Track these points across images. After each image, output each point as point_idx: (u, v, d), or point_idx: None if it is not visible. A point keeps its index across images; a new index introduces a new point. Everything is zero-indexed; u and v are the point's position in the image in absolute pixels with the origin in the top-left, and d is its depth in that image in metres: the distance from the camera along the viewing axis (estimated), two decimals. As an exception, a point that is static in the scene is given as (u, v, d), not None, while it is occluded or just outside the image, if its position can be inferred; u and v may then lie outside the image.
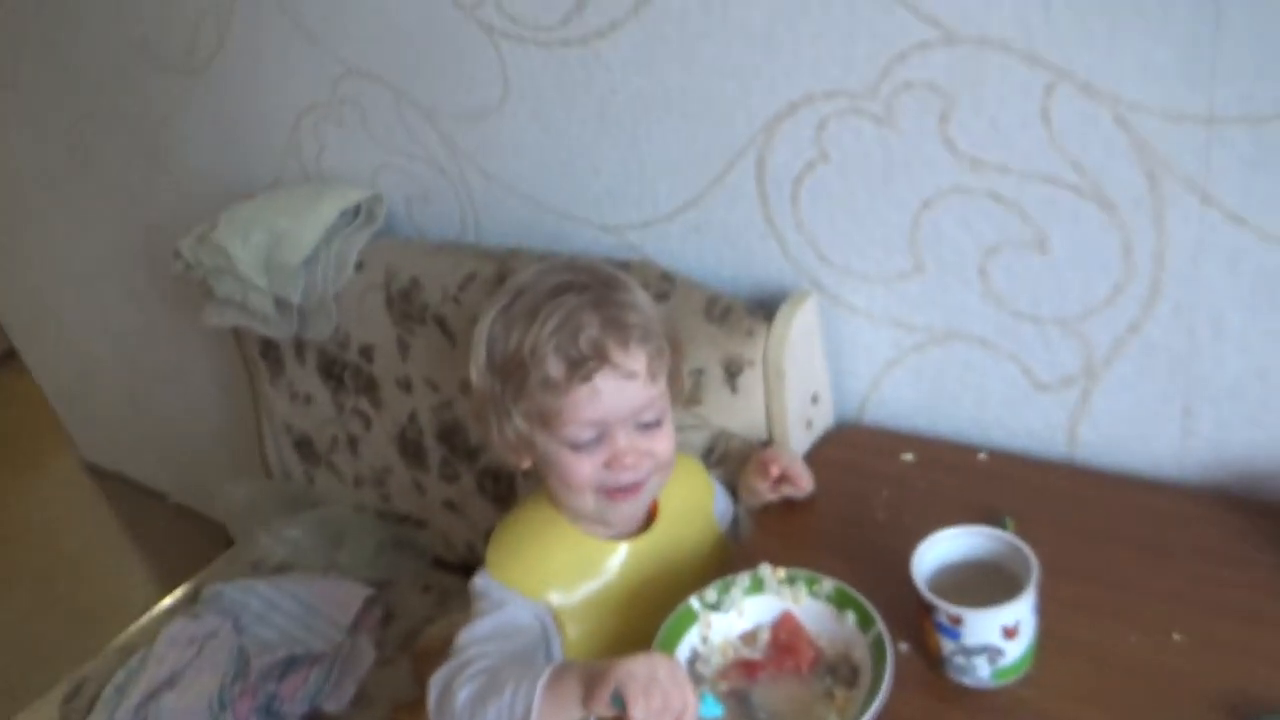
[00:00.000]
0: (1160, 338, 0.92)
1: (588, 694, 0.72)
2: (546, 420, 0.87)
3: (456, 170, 1.38)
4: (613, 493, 0.89)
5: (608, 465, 0.87)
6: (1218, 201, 0.83)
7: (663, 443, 0.90)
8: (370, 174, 1.49)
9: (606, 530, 0.95)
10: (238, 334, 1.67)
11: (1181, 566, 0.84)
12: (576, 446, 0.87)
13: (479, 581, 0.93)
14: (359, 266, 1.42)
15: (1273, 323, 0.85)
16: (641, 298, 0.92)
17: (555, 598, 0.91)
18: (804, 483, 0.99)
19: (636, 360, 0.86)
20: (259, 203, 1.49)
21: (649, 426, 0.89)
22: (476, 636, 0.87)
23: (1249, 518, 0.88)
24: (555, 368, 0.85)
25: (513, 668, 0.80)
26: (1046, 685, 0.76)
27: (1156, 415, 0.95)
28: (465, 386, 1.31)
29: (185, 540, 2.41)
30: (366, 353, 1.44)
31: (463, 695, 0.78)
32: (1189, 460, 0.95)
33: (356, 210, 1.45)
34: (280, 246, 1.42)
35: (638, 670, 0.70)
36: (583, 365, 0.84)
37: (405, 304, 1.35)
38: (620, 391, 0.86)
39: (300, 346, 1.56)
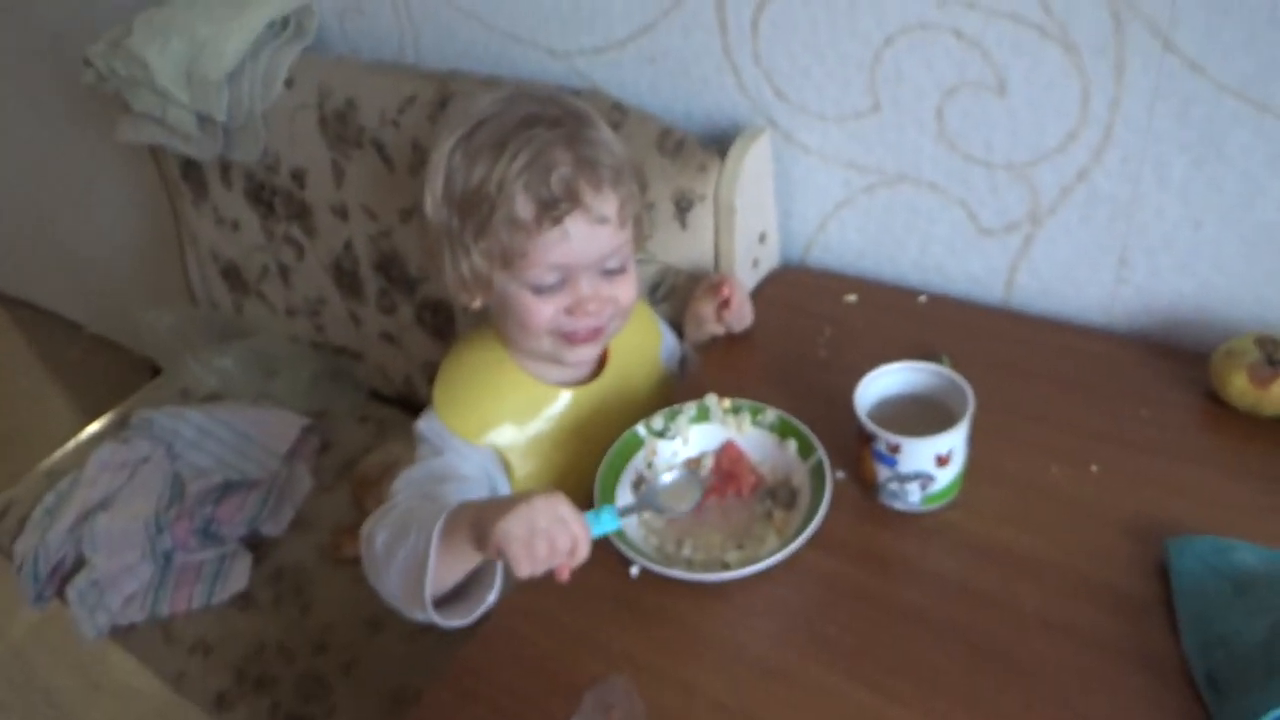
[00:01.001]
0: (1106, 186, 0.93)
1: (477, 546, 0.70)
2: (509, 260, 0.84)
3: (394, -19, 1.29)
4: (570, 336, 0.88)
5: (569, 311, 0.85)
6: (1179, 48, 0.82)
7: (625, 289, 0.88)
8: (299, -18, 1.38)
9: (557, 374, 0.94)
10: (156, 153, 1.58)
11: (1103, 405, 0.88)
12: (539, 289, 0.85)
13: (423, 425, 0.92)
14: (288, 84, 1.34)
15: (1214, 172, 0.87)
16: (610, 135, 0.88)
17: (501, 439, 0.91)
18: (746, 310, 1.00)
19: (609, 204, 0.84)
20: (179, 6, 1.38)
21: (613, 273, 0.87)
22: (408, 481, 0.86)
23: (1168, 362, 0.92)
24: (524, 207, 0.81)
25: (422, 510, 0.78)
26: (971, 509, 0.80)
27: (1093, 263, 0.98)
28: (406, 215, 1.28)
29: (106, 372, 2.34)
30: (298, 177, 1.38)
31: (379, 540, 0.78)
32: (1118, 308, 0.99)
33: (285, 22, 1.36)
34: (201, 57, 1.32)
35: (515, 529, 0.67)
36: (554, 207, 0.80)
37: (340, 126, 1.28)
38: (590, 237, 0.83)
39: (226, 168, 1.48)
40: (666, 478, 0.82)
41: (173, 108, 1.38)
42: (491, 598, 0.76)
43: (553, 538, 0.68)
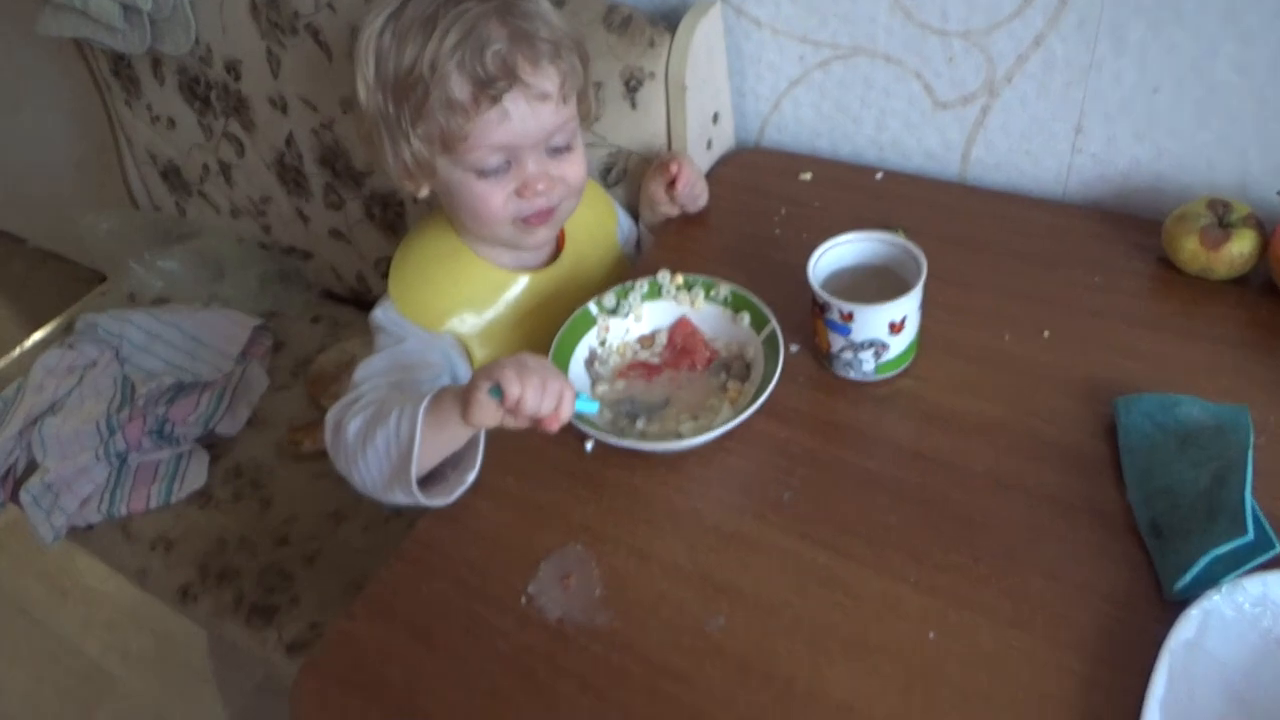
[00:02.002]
0: (1062, 52, 0.91)
1: (465, 406, 0.70)
2: (449, 144, 0.80)
3: None
4: (528, 219, 0.85)
5: (518, 193, 0.83)
6: (1138, -101, 0.80)
7: (574, 167, 0.86)
8: None
9: (512, 259, 0.92)
10: (83, 48, 1.50)
11: (1056, 274, 0.88)
12: (483, 173, 0.82)
13: (379, 314, 0.90)
14: (217, -35, 1.27)
15: (1172, 35, 0.85)
16: (547, 6, 0.84)
17: (459, 325, 0.89)
18: (699, 189, 0.98)
19: (549, 79, 0.80)
20: (90, -118, 1.29)
21: (560, 151, 0.84)
22: (372, 371, 0.85)
23: (1122, 231, 0.92)
24: (459, 88, 0.77)
25: (399, 396, 0.78)
26: (924, 377, 0.81)
27: (1049, 133, 0.97)
28: (348, 105, 1.23)
29: (50, 286, 2.28)
30: (232, 69, 1.32)
31: (352, 428, 0.76)
32: (1073, 179, 0.98)
33: (209, -102, 1.27)
34: (122, -62, 1.24)
35: (505, 361, 0.68)
36: (491, 85, 0.77)
37: (273, 12, 1.22)
38: (532, 115, 0.80)
39: (157, 63, 1.41)
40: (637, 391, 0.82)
41: (94, -5, 1.30)
42: (472, 476, 0.75)
43: (543, 377, 0.68)
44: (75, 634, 1.62)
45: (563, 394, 0.69)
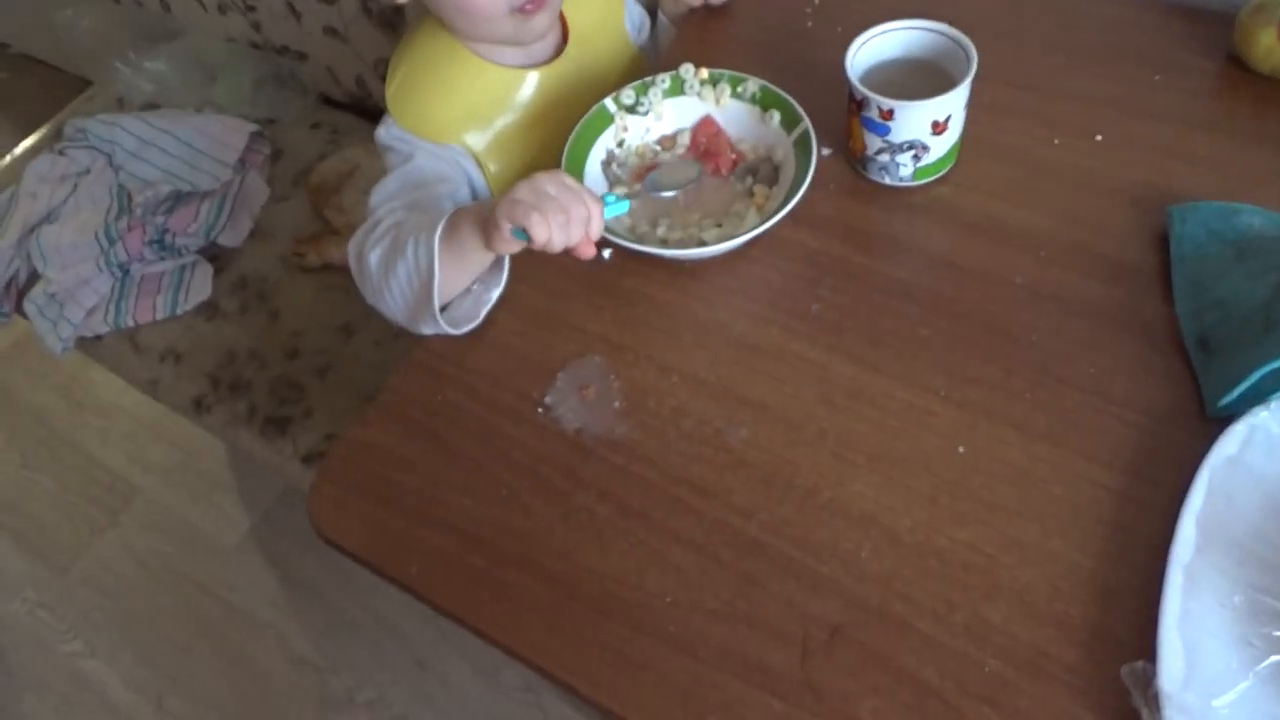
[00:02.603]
0: None
1: (486, 238, 0.67)
2: None
3: None
4: (524, 8, 0.77)
5: None
6: None
7: None
8: None
9: (516, 56, 0.85)
10: None
11: (1118, 71, 0.81)
12: None
13: (383, 133, 0.84)
14: None
15: None
16: None
17: (469, 138, 0.83)
18: None
19: None
20: None
21: None
22: (386, 194, 0.80)
23: (1190, 25, 0.84)
24: None
25: (415, 221, 0.73)
26: (963, 183, 0.75)
27: (1118, -90, 0.86)
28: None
29: (36, 92, 2.18)
30: None
31: (373, 259, 0.73)
32: (1140, -34, 0.89)
33: None
34: None
35: (522, 195, 0.64)
36: None
37: None
38: None
39: None
40: (665, 159, 0.76)
41: None
42: (497, 293, 0.72)
43: (565, 204, 0.63)
44: (95, 446, 1.65)
45: (590, 214, 0.65)
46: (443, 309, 0.71)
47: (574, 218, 0.64)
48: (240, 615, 1.42)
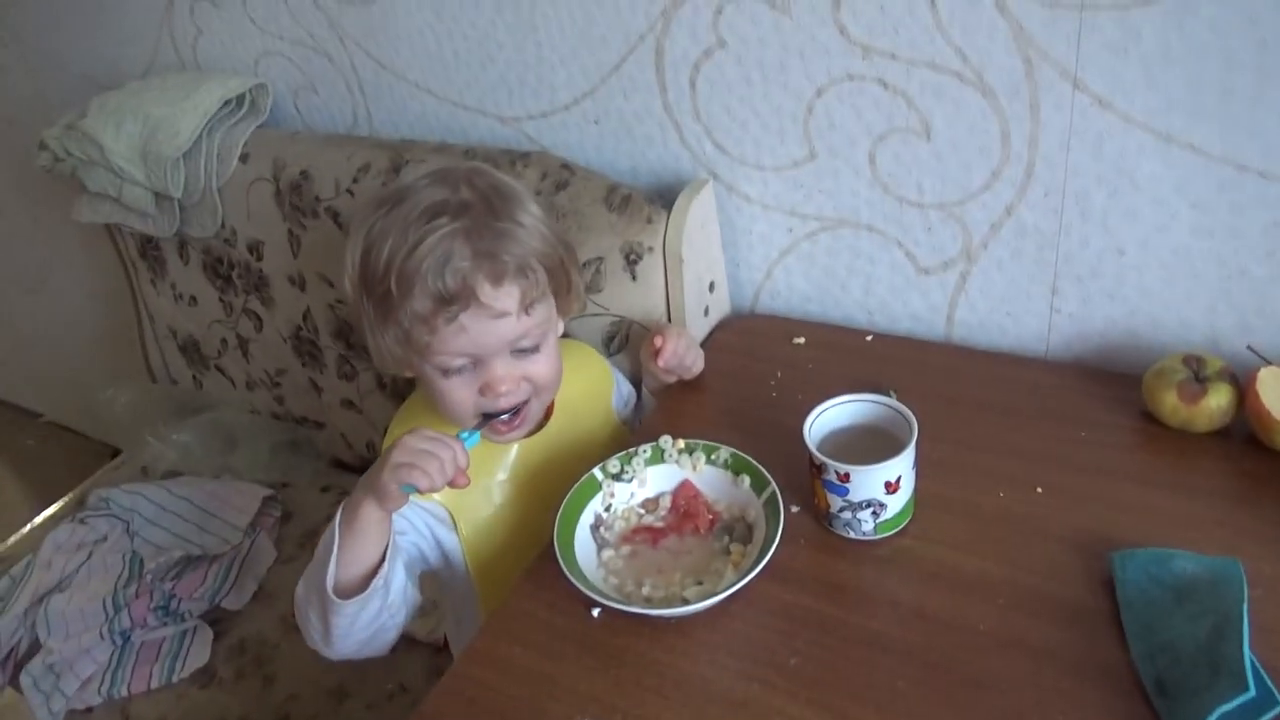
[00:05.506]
0: (1032, 220, 0.97)
1: (380, 502, 0.79)
2: (416, 348, 0.85)
3: (345, 58, 1.33)
4: (496, 425, 0.89)
5: (482, 392, 0.86)
6: (1087, 86, 0.88)
7: (541, 366, 0.88)
8: (252, 62, 1.43)
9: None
10: (113, 232, 1.59)
11: (1044, 429, 0.91)
12: (448, 372, 0.86)
13: None
14: (244, 159, 1.36)
15: (1130, 201, 0.91)
16: (528, 217, 0.87)
17: (446, 497, 0.91)
18: (691, 357, 1.01)
19: (508, 297, 0.83)
20: (132, 90, 1.41)
21: (526, 352, 0.87)
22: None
23: (1104, 386, 0.95)
24: (421, 302, 0.81)
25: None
26: (923, 535, 0.82)
27: (1027, 294, 1.02)
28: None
29: (63, 460, 2.30)
30: (255, 249, 1.40)
31: (299, 590, 0.84)
32: (1054, 337, 1.03)
33: (240, 100, 1.39)
34: (156, 137, 1.35)
35: (401, 459, 0.77)
36: (449, 305, 0.81)
37: (296, 197, 1.31)
38: (489, 330, 0.83)
39: (183, 244, 1.50)
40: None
41: (129, 186, 1.40)
42: (386, 567, 0.81)
43: (434, 452, 0.78)
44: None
45: (455, 452, 0.79)
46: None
47: (445, 460, 0.78)
48: None
